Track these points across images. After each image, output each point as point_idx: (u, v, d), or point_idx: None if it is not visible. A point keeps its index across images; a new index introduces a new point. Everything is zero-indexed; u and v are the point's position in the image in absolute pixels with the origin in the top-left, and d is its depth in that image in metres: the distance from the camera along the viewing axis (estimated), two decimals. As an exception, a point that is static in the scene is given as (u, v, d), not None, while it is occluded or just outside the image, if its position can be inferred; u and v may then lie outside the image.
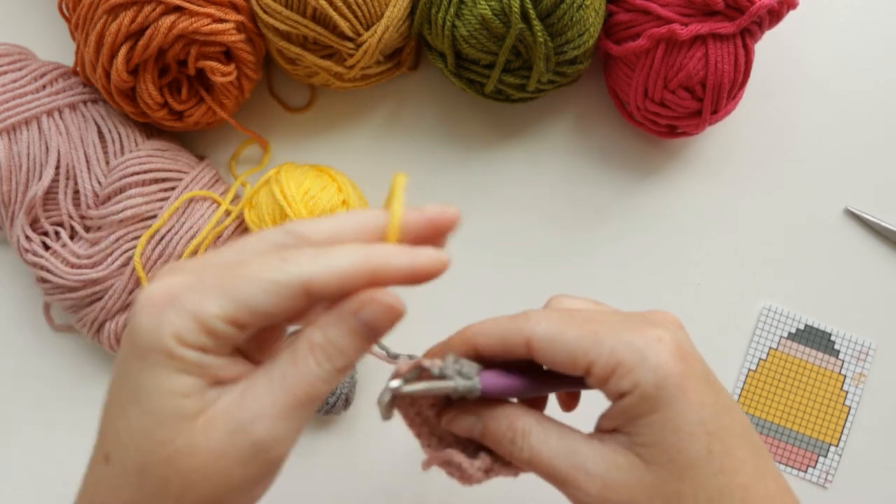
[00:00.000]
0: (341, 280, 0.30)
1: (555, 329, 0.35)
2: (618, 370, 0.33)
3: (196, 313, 0.29)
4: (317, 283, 0.29)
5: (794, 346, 0.61)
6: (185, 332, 0.29)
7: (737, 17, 0.52)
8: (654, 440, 0.33)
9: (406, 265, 0.30)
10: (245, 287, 0.29)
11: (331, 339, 0.31)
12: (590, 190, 0.62)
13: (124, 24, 0.50)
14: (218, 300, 0.29)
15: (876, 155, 0.62)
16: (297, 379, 0.30)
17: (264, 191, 0.56)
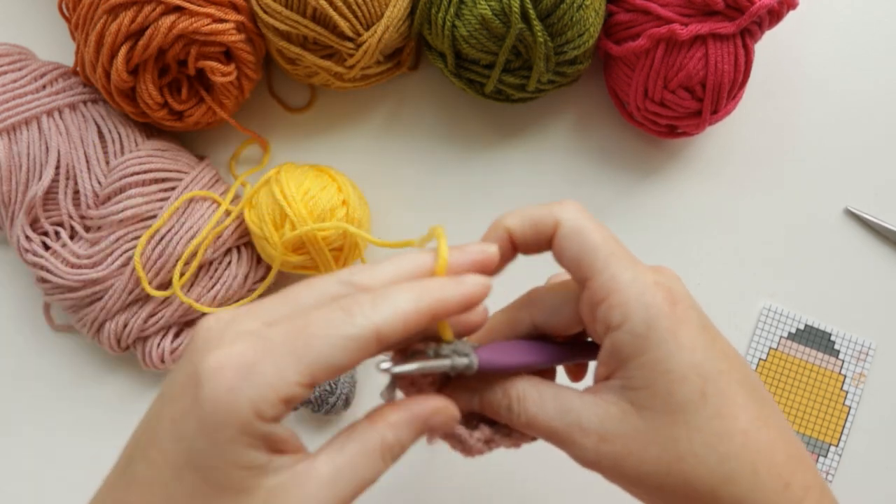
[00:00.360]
0: (407, 323, 0.30)
1: (582, 225, 0.35)
2: (610, 298, 0.33)
3: (276, 386, 0.28)
4: (386, 330, 0.30)
5: (794, 346, 0.61)
6: (265, 407, 0.28)
7: (737, 17, 0.52)
8: (645, 383, 0.33)
9: (460, 296, 0.32)
10: (319, 347, 0.29)
11: (401, 440, 0.32)
12: (590, 190, 0.62)
13: (124, 24, 0.50)
14: (296, 367, 0.28)
15: (876, 155, 0.62)
16: (364, 473, 0.31)
17: (264, 191, 0.56)
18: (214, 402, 0.28)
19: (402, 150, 0.62)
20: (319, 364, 0.29)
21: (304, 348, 0.29)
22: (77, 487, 0.59)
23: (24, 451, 0.60)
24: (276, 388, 0.28)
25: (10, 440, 0.60)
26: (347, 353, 0.29)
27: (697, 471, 0.32)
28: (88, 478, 0.60)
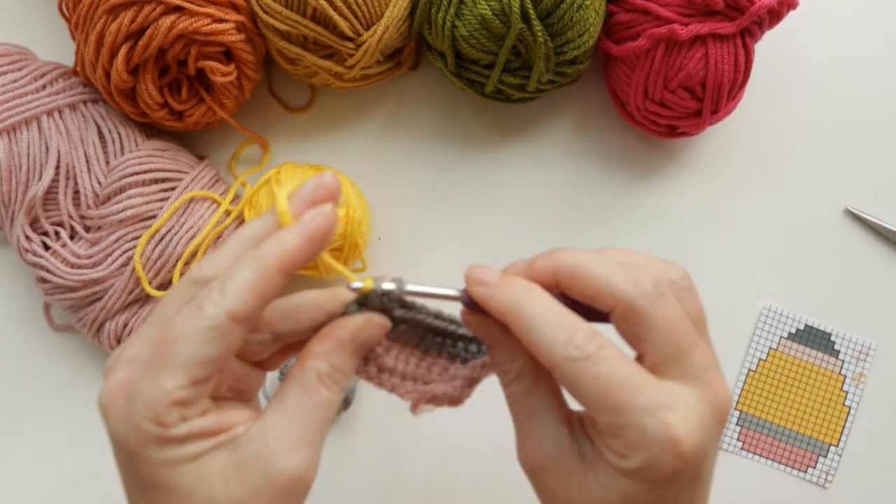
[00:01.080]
0: (257, 293, 0.31)
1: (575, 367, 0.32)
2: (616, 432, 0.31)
3: (159, 398, 0.30)
4: (239, 309, 0.30)
5: (794, 346, 0.61)
6: (163, 418, 0.30)
7: (737, 17, 0.52)
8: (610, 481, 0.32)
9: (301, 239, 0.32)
10: (183, 348, 0.30)
11: (335, 364, 0.34)
12: (590, 190, 0.62)
13: (124, 24, 0.50)
14: (170, 373, 0.30)
15: (876, 155, 0.62)
16: (314, 406, 0.33)
17: (264, 191, 0.56)
18: (119, 434, 0.31)
19: (402, 150, 0.62)
20: (189, 364, 0.30)
21: (171, 354, 0.30)
22: (77, 487, 0.59)
23: (24, 451, 0.60)
24: (160, 399, 0.30)
25: (10, 440, 0.60)
26: (211, 344, 0.30)
27: None
28: (88, 477, 0.60)
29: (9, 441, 0.60)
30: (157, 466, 0.31)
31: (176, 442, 0.31)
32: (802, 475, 0.60)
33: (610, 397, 0.30)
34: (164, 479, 0.31)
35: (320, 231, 0.32)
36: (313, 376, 0.33)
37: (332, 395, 0.34)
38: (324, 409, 0.33)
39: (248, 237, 0.33)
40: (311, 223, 0.32)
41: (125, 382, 0.31)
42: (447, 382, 0.37)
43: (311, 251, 0.32)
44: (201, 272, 0.33)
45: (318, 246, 0.32)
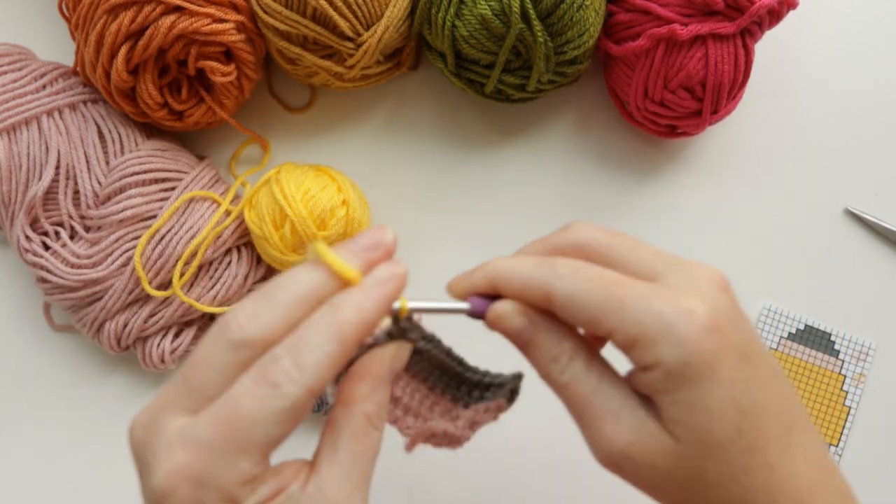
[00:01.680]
0: (335, 365, 0.30)
1: (578, 288, 0.32)
2: (639, 342, 0.31)
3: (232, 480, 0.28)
4: (318, 385, 0.29)
5: (794, 346, 0.61)
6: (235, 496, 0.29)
7: (737, 17, 0.52)
8: (682, 418, 0.31)
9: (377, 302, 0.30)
10: (259, 430, 0.28)
11: (380, 402, 0.33)
12: (590, 190, 0.62)
13: (124, 24, 0.50)
14: (242, 455, 0.29)
15: (876, 155, 0.62)
16: (365, 451, 0.32)
17: (264, 191, 0.56)
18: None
19: (402, 150, 0.62)
20: (266, 443, 0.29)
21: (247, 437, 0.28)
22: (77, 487, 0.59)
23: (24, 451, 0.60)
24: (236, 482, 0.29)
25: (10, 440, 0.60)
26: (286, 423, 0.29)
27: (720, 498, 0.32)
28: (88, 477, 0.60)
29: (9, 441, 0.60)
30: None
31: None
32: None
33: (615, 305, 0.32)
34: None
35: (395, 294, 0.31)
36: (363, 421, 0.32)
37: (380, 433, 0.33)
38: (373, 452, 0.33)
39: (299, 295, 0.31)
40: (387, 286, 0.31)
41: (189, 468, 0.28)
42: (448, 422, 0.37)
43: (379, 319, 0.31)
44: (244, 333, 0.29)
45: (385, 313, 0.31)
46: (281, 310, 0.30)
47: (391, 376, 0.34)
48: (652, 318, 0.31)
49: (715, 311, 0.31)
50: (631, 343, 0.31)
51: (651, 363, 0.31)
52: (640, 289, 0.32)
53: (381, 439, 0.33)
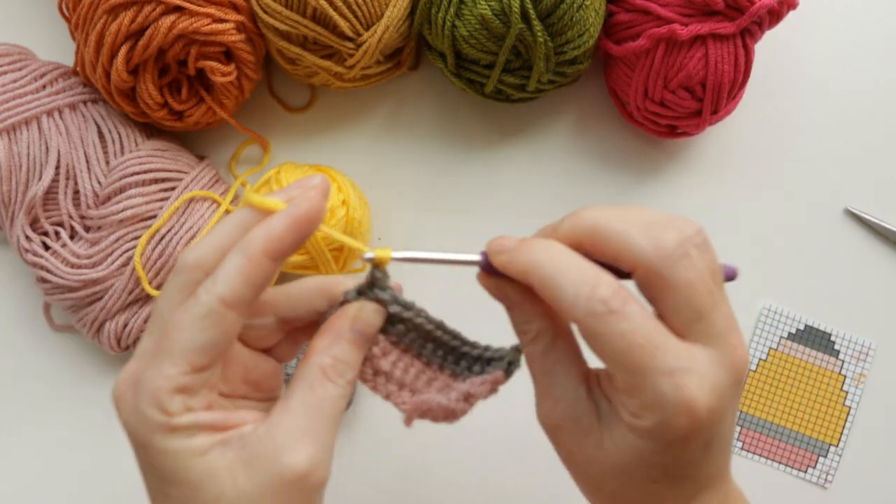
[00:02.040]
0: (247, 277, 0.31)
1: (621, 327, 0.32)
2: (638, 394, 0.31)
3: (162, 385, 0.31)
4: (230, 294, 0.31)
5: (794, 346, 0.61)
6: (163, 404, 0.31)
7: (737, 17, 0.52)
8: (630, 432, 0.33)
9: (287, 223, 0.32)
10: (181, 337, 0.31)
11: (337, 356, 0.34)
12: (590, 190, 0.62)
13: (124, 24, 0.50)
14: (170, 361, 0.31)
15: (876, 155, 0.62)
16: (319, 401, 0.33)
17: (264, 191, 0.56)
18: (129, 425, 0.32)
19: (402, 150, 0.62)
20: (188, 349, 0.31)
21: (171, 343, 0.31)
22: (77, 487, 0.59)
23: (24, 450, 0.60)
24: (163, 387, 0.31)
25: (10, 440, 0.60)
26: (207, 331, 0.31)
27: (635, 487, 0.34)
28: (88, 477, 0.60)
29: (9, 441, 0.60)
30: (166, 458, 0.31)
31: (182, 431, 0.31)
32: (802, 475, 0.60)
33: (630, 356, 0.30)
34: (175, 472, 0.31)
35: (306, 214, 0.32)
36: (317, 372, 0.34)
37: (338, 388, 0.34)
38: (329, 403, 0.33)
39: (233, 226, 0.33)
40: (296, 207, 0.32)
41: (133, 375, 0.32)
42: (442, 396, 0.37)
43: (298, 235, 0.32)
44: (185, 260, 0.33)
45: (304, 230, 0.32)
46: (211, 239, 0.33)
47: (356, 334, 0.35)
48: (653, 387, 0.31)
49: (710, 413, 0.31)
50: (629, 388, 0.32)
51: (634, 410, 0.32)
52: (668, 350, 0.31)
53: (342, 397, 0.34)
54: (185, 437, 0.31)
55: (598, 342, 0.31)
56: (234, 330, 0.32)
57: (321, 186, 0.34)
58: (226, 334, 0.32)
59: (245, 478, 0.31)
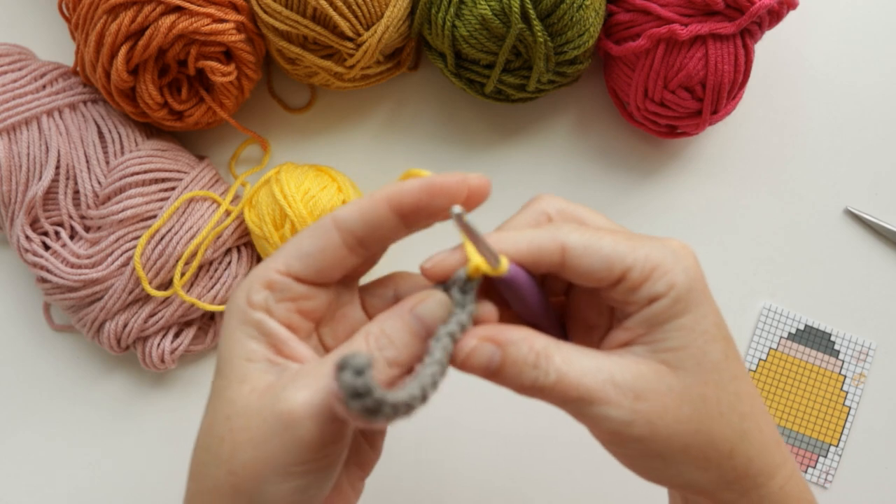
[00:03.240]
0: (362, 210, 0.33)
1: (589, 237, 0.34)
2: (655, 273, 0.33)
3: (259, 275, 0.33)
4: (342, 216, 0.33)
5: (794, 346, 0.61)
6: (250, 293, 0.33)
7: (737, 17, 0.52)
8: (683, 343, 0.33)
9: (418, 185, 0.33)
10: (291, 242, 0.34)
11: (384, 329, 0.33)
12: (590, 190, 0.62)
13: (124, 24, 0.50)
14: (276, 259, 0.33)
15: (876, 155, 0.62)
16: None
17: (264, 191, 0.56)
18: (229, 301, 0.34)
19: (402, 150, 0.62)
20: (290, 253, 0.33)
21: (284, 248, 0.34)
22: (77, 487, 0.59)
23: (24, 450, 0.60)
24: (259, 277, 0.33)
25: (9, 440, 0.60)
26: (309, 240, 0.33)
27: (722, 429, 0.33)
28: (88, 477, 0.60)
29: (9, 441, 0.60)
30: (227, 345, 0.33)
31: (249, 325, 0.33)
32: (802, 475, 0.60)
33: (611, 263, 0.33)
34: (223, 361, 0.33)
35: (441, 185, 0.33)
36: (361, 336, 0.33)
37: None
38: None
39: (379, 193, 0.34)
40: (437, 177, 0.33)
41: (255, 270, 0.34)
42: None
43: (424, 197, 0.33)
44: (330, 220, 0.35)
45: (433, 196, 0.33)
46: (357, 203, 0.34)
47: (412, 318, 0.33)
48: (659, 252, 0.33)
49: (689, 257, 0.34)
50: (647, 275, 0.33)
51: (664, 290, 0.33)
52: (637, 235, 0.34)
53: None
54: (247, 335, 0.33)
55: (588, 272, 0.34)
56: (335, 249, 0.33)
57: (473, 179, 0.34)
58: (324, 250, 0.33)
59: (255, 397, 0.31)
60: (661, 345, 0.33)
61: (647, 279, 0.33)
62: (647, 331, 0.33)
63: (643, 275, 0.33)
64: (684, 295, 0.33)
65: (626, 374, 0.33)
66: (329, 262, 0.33)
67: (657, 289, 0.33)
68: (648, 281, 0.33)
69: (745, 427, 0.33)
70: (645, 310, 0.33)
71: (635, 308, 0.34)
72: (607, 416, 0.32)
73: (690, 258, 0.34)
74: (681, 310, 0.33)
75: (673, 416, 0.32)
